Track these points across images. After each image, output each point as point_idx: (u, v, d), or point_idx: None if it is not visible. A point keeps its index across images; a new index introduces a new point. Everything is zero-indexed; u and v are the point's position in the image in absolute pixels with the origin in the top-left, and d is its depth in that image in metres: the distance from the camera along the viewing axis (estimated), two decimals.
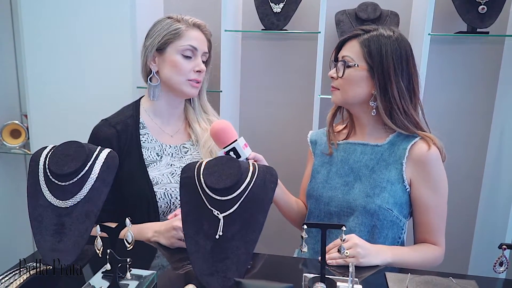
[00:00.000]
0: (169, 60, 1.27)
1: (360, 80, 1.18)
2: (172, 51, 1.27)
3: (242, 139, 1.09)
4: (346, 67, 1.19)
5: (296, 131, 2.14)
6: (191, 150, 1.36)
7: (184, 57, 1.27)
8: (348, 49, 1.21)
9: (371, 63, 1.16)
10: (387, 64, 1.15)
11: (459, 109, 2.01)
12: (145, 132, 1.30)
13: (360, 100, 1.21)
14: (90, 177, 0.95)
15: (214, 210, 0.90)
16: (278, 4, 1.93)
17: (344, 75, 1.19)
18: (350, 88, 1.20)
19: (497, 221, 1.82)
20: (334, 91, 1.25)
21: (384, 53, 1.15)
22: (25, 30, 1.88)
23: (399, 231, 1.21)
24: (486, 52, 1.95)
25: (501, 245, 0.90)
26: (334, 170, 1.27)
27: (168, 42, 1.27)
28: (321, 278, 0.88)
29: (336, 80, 1.23)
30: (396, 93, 1.16)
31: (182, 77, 1.27)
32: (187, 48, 1.26)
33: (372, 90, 1.18)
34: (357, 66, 1.18)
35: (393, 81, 1.15)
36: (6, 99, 2.29)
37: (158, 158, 1.29)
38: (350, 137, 1.31)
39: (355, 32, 1.22)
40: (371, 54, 1.16)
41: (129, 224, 0.87)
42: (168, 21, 1.29)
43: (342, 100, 1.23)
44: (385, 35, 1.17)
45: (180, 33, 1.26)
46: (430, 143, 1.17)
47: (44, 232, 0.93)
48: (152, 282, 0.90)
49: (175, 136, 1.36)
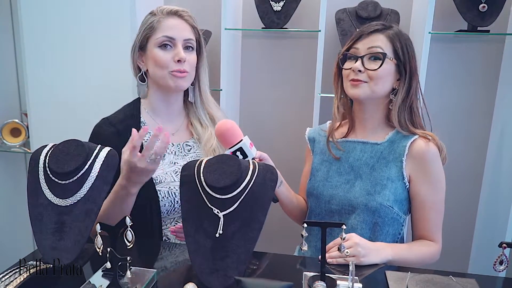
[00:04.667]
0: (150, 56, 1.25)
1: (389, 74, 1.19)
2: (151, 46, 1.24)
3: (247, 138, 1.08)
4: (384, 59, 1.15)
5: (296, 129, 2.14)
6: (194, 148, 1.34)
7: (161, 48, 1.23)
8: (375, 41, 1.17)
9: (402, 59, 1.18)
10: (414, 61, 1.19)
11: (459, 108, 2.01)
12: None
13: (384, 94, 1.21)
14: (90, 175, 0.95)
15: (214, 209, 0.90)
16: (278, 3, 1.93)
17: (380, 68, 1.16)
18: (380, 81, 1.17)
19: (497, 219, 1.82)
20: (359, 84, 1.17)
21: (410, 50, 1.19)
22: (25, 29, 1.88)
23: (399, 227, 1.23)
24: (487, 51, 1.94)
25: (501, 244, 0.90)
26: (334, 168, 1.27)
27: (146, 37, 1.25)
28: (321, 277, 0.88)
29: (362, 73, 1.17)
30: (414, 89, 1.20)
31: (163, 70, 1.23)
32: (163, 40, 1.22)
33: (395, 84, 1.20)
34: (392, 59, 1.17)
35: (416, 78, 1.20)
36: (6, 97, 2.29)
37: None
38: (349, 135, 1.31)
39: (377, 26, 1.20)
40: (401, 49, 1.18)
41: (129, 222, 0.86)
42: (147, 17, 1.27)
43: (369, 94, 1.18)
44: (403, 33, 1.22)
45: (154, 26, 1.23)
46: (429, 141, 1.18)
47: (44, 231, 0.92)
48: (152, 280, 0.90)
49: (177, 134, 1.34)
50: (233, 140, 1.06)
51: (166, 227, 1.24)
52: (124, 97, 1.42)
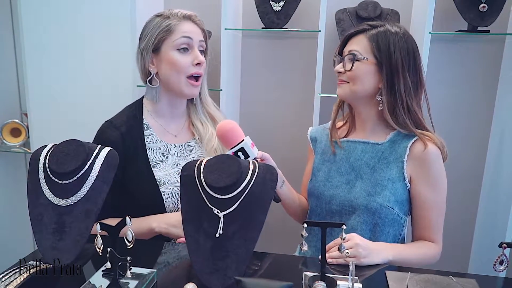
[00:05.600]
0: (165, 58, 1.24)
1: (368, 74, 1.19)
2: (167, 49, 1.23)
3: (249, 138, 1.08)
4: (354, 61, 1.19)
5: (296, 129, 2.14)
6: (195, 148, 1.34)
7: (180, 52, 1.23)
8: (355, 43, 1.21)
9: (379, 58, 1.17)
10: (395, 59, 1.17)
11: (459, 108, 2.01)
12: (149, 133, 1.29)
13: (366, 94, 1.21)
14: (90, 175, 0.95)
15: (214, 209, 0.90)
16: (278, 3, 1.93)
17: (353, 69, 1.19)
18: (358, 81, 1.20)
19: (497, 219, 1.82)
20: (341, 84, 1.24)
21: (393, 49, 1.17)
22: (25, 29, 1.88)
23: (400, 228, 1.22)
24: (487, 51, 1.94)
25: (501, 244, 0.90)
26: (335, 168, 1.27)
27: (161, 40, 1.23)
28: (321, 277, 0.88)
29: (343, 74, 1.22)
30: (402, 88, 1.17)
31: (181, 75, 1.24)
32: (182, 42, 1.23)
33: (379, 84, 1.19)
34: (365, 59, 1.18)
35: (400, 76, 1.17)
36: (6, 97, 2.29)
37: (164, 158, 1.28)
38: (350, 134, 1.31)
39: (362, 27, 1.22)
40: (379, 48, 1.17)
41: (129, 222, 0.86)
42: (158, 19, 1.26)
43: (349, 94, 1.23)
44: (392, 31, 1.19)
45: (171, 28, 1.23)
46: (429, 142, 1.18)
47: (44, 231, 0.92)
48: (152, 280, 0.90)
49: (179, 135, 1.35)
50: (235, 141, 1.06)
51: None
52: (124, 97, 1.42)
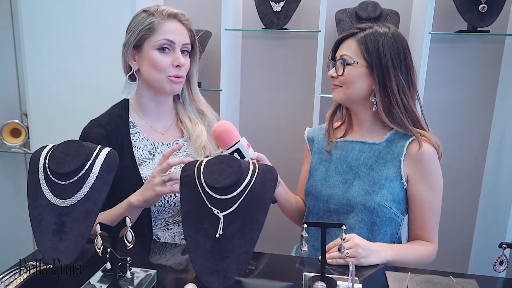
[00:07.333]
0: (146, 57, 1.21)
1: (359, 77, 1.20)
2: (149, 48, 1.21)
3: (245, 139, 1.07)
4: (345, 65, 1.21)
5: (296, 129, 2.14)
6: (184, 146, 1.32)
7: (161, 52, 1.20)
8: (345, 47, 1.23)
9: (369, 60, 1.19)
10: (385, 60, 1.17)
11: (459, 108, 2.01)
12: (135, 131, 1.27)
13: (361, 96, 1.23)
14: (90, 176, 0.95)
15: (215, 209, 0.90)
16: (278, 3, 1.93)
17: (344, 73, 1.21)
18: (351, 85, 1.21)
19: (497, 220, 1.82)
20: (335, 88, 1.26)
21: (382, 50, 1.18)
22: (25, 29, 1.88)
23: (397, 227, 1.23)
24: (487, 51, 1.95)
25: (501, 244, 0.90)
26: (333, 168, 1.28)
27: (143, 38, 1.21)
28: (321, 277, 0.88)
29: (336, 78, 1.24)
30: (395, 88, 1.18)
31: (161, 74, 1.21)
32: (163, 43, 1.20)
33: (372, 86, 1.21)
34: (356, 63, 1.20)
35: (392, 76, 1.18)
36: (6, 98, 2.29)
37: (151, 157, 1.26)
38: (347, 134, 1.32)
39: (351, 31, 1.24)
40: (368, 51, 1.18)
41: (129, 223, 0.86)
42: (143, 15, 1.23)
43: (343, 97, 1.25)
44: (380, 32, 1.20)
45: (154, 27, 1.20)
46: (425, 142, 1.19)
47: (44, 231, 0.93)
48: (152, 281, 0.90)
49: (166, 133, 1.33)
50: (230, 141, 1.06)
51: (156, 227, 1.24)
52: (124, 97, 1.42)
